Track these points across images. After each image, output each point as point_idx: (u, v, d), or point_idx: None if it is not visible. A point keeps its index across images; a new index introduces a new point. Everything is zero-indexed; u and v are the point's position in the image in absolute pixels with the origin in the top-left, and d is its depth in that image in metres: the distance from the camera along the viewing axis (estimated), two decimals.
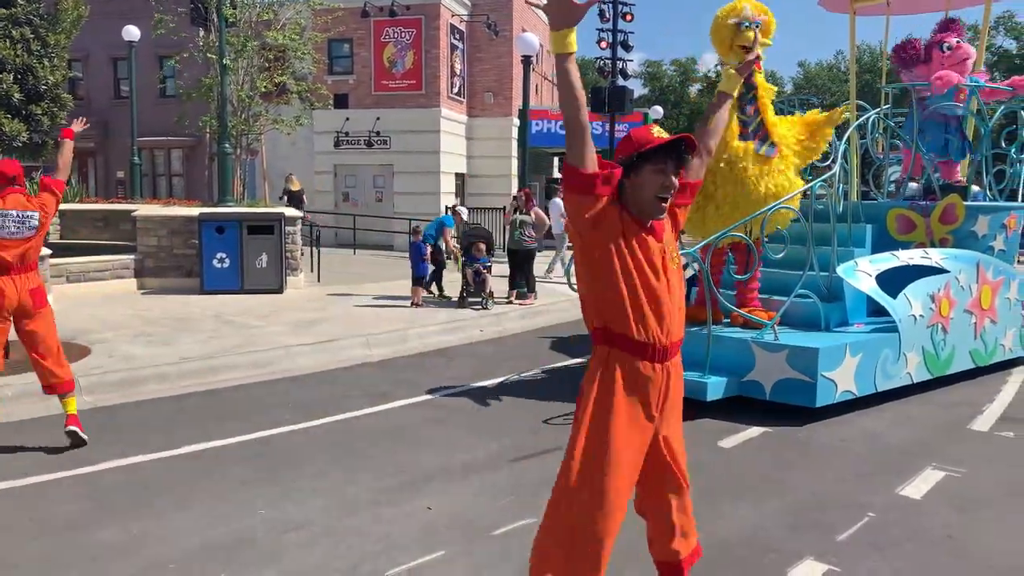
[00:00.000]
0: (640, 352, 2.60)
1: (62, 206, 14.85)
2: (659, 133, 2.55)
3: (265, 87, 17.52)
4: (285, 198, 19.12)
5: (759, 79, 6.96)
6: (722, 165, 6.76)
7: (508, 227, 12.69)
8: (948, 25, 8.74)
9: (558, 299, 12.08)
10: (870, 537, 4.02)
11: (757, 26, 6.72)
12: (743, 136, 6.90)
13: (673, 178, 2.53)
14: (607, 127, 19.16)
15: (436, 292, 12.01)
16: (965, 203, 8.04)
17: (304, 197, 19.50)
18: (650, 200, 2.55)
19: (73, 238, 14.27)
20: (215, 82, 15.59)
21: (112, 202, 16.56)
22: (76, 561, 3.67)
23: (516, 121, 23.67)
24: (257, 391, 6.95)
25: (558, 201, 15.40)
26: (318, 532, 4.00)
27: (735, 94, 2.89)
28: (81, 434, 5.18)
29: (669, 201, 2.59)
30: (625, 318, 2.58)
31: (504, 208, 17.79)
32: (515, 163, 23.70)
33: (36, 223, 5.25)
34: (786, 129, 7.04)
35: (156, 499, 4.41)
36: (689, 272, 7.82)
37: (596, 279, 2.61)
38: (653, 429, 2.71)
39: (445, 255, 11.97)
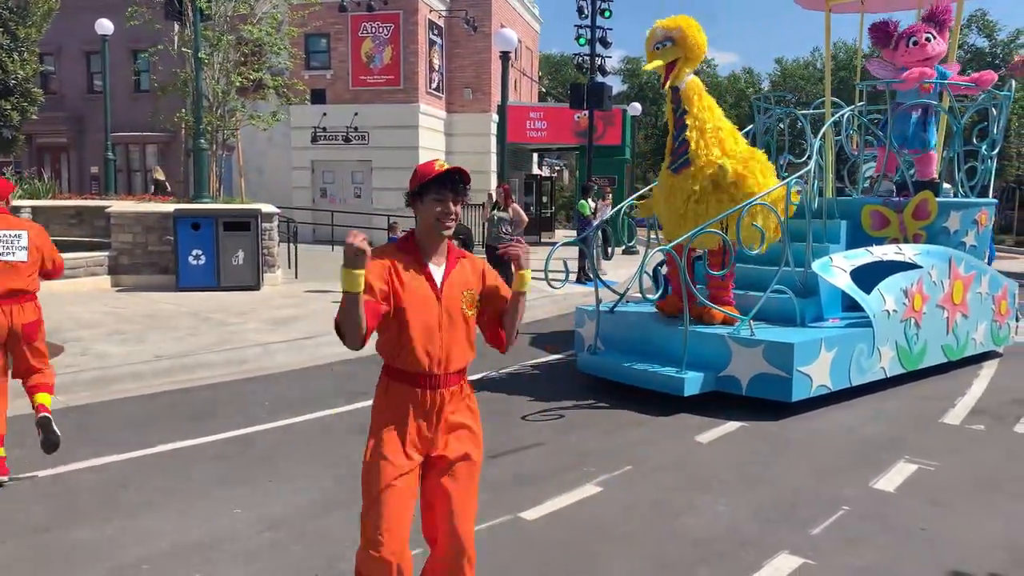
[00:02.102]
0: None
1: (34, 202, 14.69)
2: (440, 166, 2.62)
3: (241, 82, 17.34)
4: (153, 188, 18.87)
5: (689, 91, 6.87)
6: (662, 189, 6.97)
7: (486, 223, 12.68)
8: (934, 15, 8.71)
9: (537, 296, 12.08)
10: (844, 530, 4.07)
11: (667, 45, 6.75)
12: (671, 152, 7.02)
13: (451, 205, 2.62)
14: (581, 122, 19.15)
15: None
16: (937, 199, 8.14)
17: (168, 186, 19.38)
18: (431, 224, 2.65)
19: None
20: (190, 77, 15.41)
21: (86, 198, 16.34)
22: (46, 563, 3.62)
23: (495, 117, 23.64)
24: (233, 389, 6.89)
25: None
26: (294, 531, 3.97)
27: (526, 291, 2.76)
28: (54, 426, 4.67)
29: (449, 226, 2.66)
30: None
31: (483, 204, 17.77)
32: (494, 159, 23.68)
33: (25, 243, 4.74)
34: (732, 143, 7.00)
35: (129, 499, 4.36)
36: (667, 268, 7.87)
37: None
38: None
39: None
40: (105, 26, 17.71)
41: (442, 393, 2.71)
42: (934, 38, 8.54)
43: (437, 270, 2.69)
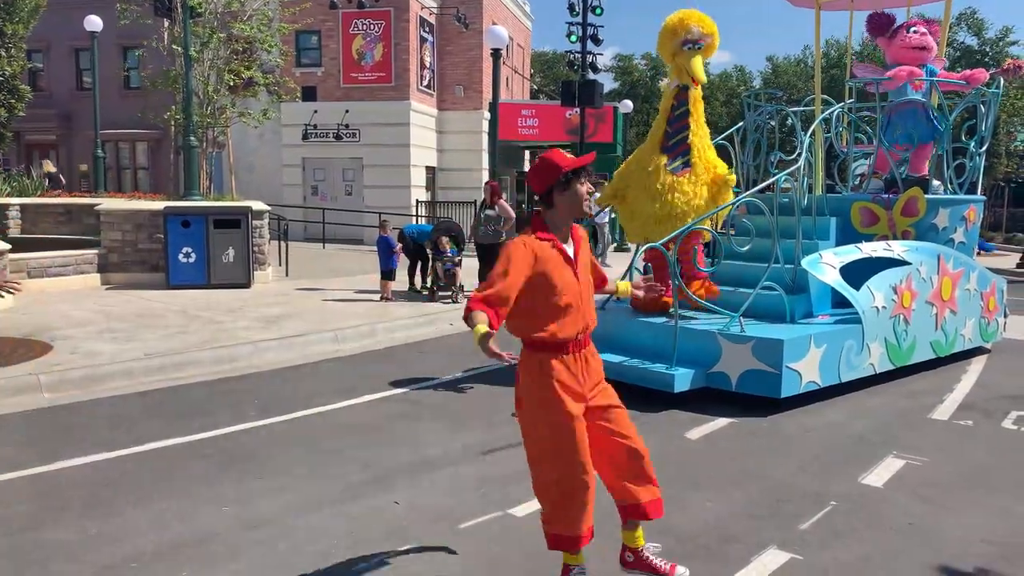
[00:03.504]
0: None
1: (23, 200, 14.60)
2: (570, 155, 3.24)
3: (232, 79, 17.28)
4: (46, 180, 18.73)
5: (695, 95, 7.02)
6: (640, 173, 6.96)
7: (474, 221, 12.67)
8: (927, 22, 8.94)
9: None
10: (832, 525, 4.08)
11: (699, 48, 6.79)
12: (663, 148, 7.04)
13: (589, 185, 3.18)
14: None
15: (419, 284, 11.97)
16: (926, 196, 8.18)
17: (61, 178, 19.25)
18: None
19: (34, 232, 13.97)
20: (180, 73, 15.34)
21: (75, 196, 16.23)
22: (32, 562, 3.59)
23: (486, 114, 23.62)
24: (223, 387, 6.87)
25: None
26: (283, 528, 3.96)
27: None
28: None
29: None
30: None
31: (475, 202, 17.76)
32: (486, 157, 23.65)
33: None
34: (714, 157, 7.10)
35: (117, 497, 4.34)
36: (641, 264, 7.87)
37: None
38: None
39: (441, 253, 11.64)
40: (94, 23, 17.61)
41: (585, 354, 3.22)
42: (930, 33, 8.66)
43: (570, 249, 3.19)
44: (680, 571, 3.44)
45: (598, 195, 17.38)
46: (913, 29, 8.66)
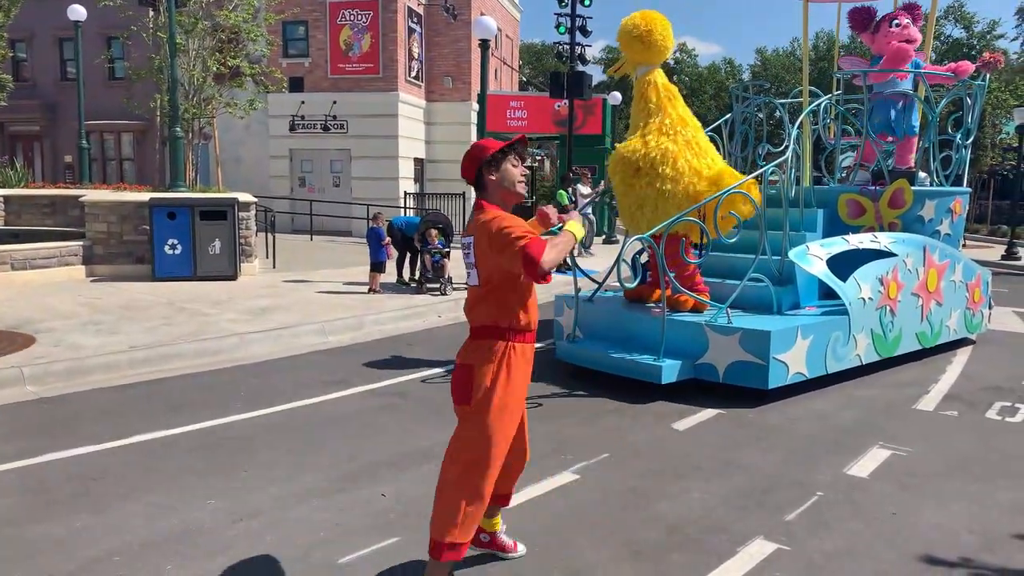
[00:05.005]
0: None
1: (7, 191, 14.44)
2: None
3: (219, 68, 17.13)
4: None
5: (643, 83, 7.04)
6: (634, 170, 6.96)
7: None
8: (910, 7, 8.86)
9: None
10: (818, 516, 4.10)
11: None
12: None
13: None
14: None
15: (407, 277, 11.93)
16: (913, 188, 8.21)
17: None
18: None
19: (18, 224, 13.83)
20: (165, 63, 15.20)
21: (59, 187, 16.06)
22: (15, 556, 3.56)
23: (475, 106, 23.53)
24: (209, 380, 6.83)
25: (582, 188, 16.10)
26: (269, 521, 3.94)
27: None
28: None
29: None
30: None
31: (465, 193, 17.71)
32: None
33: None
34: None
35: (101, 491, 4.31)
36: (644, 257, 7.89)
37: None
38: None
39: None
40: (78, 12, 17.39)
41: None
42: (914, 25, 8.64)
43: None
44: (521, 548, 3.60)
45: (584, 189, 17.33)
46: (896, 22, 8.65)
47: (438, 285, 11.15)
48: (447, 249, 11.33)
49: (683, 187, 6.76)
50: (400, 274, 11.96)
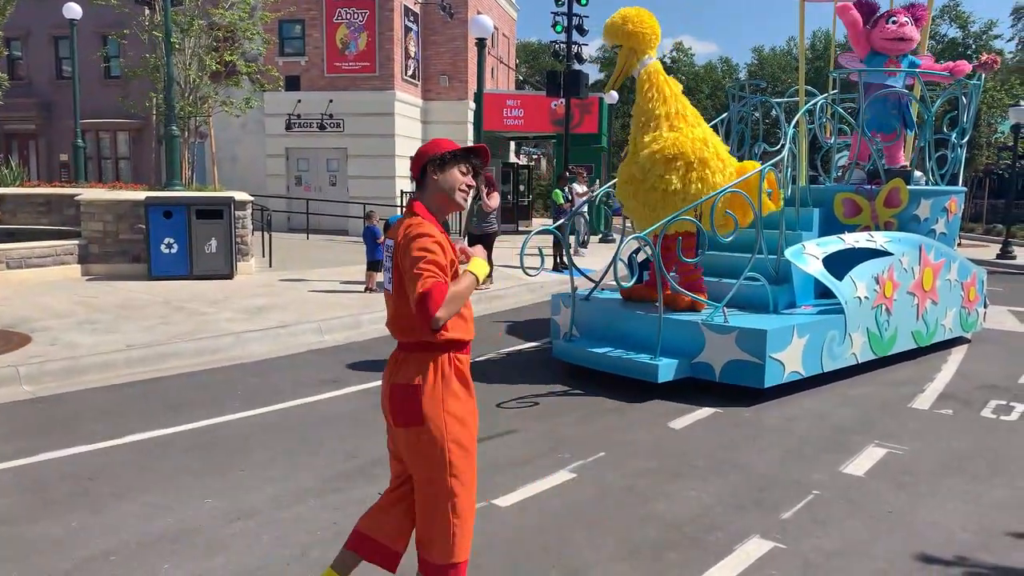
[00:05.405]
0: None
1: (2, 190, 14.41)
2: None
3: (215, 67, 17.10)
4: None
5: (658, 79, 7.02)
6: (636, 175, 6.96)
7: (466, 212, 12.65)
8: (912, 8, 8.80)
9: (514, 284, 12.08)
10: (814, 514, 4.12)
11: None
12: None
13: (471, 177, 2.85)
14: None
15: None
16: (908, 187, 8.23)
17: None
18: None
19: (14, 223, 13.79)
20: (161, 61, 15.17)
21: (55, 186, 16.03)
22: (12, 556, 3.56)
23: (472, 105, 23.53)
24: (206, 379, 6.82)
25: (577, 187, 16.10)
26: (266, 520, 3.94)
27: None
28: None
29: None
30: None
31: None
32: None
33: None
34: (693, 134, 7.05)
35: (98, 490, 4.30)
36: (642, 256, 7.89)
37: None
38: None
39: None
40: (73, 10, 17.33)
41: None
42: (912, 24, 8.61)
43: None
44: None
45: (580, 187, 17.32)
46: (893, 19, 8.63)
47: None
48: None
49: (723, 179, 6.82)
50: None
